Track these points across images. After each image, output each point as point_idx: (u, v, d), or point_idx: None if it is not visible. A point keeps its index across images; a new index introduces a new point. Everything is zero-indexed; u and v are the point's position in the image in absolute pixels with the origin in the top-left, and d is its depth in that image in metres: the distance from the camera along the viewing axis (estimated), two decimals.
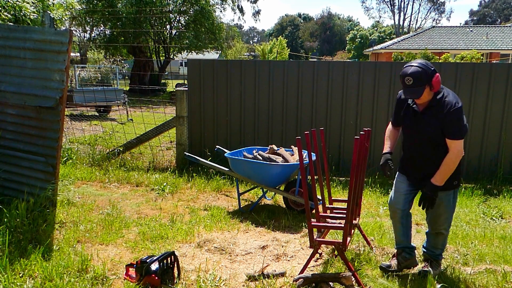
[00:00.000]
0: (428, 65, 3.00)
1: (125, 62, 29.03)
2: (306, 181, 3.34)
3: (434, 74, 2.97)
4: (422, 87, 2.97)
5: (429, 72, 2.96)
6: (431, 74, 2.97)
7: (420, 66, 2.98)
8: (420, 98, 3.04)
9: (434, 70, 2.99)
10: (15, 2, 5.04)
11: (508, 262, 3.68)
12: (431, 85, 2.98)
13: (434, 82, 2.98)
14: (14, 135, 4.31)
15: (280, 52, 43.62)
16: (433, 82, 2.98)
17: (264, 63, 7.21)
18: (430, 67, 2.99)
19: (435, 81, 2.98)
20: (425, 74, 2.95)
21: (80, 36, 27.85)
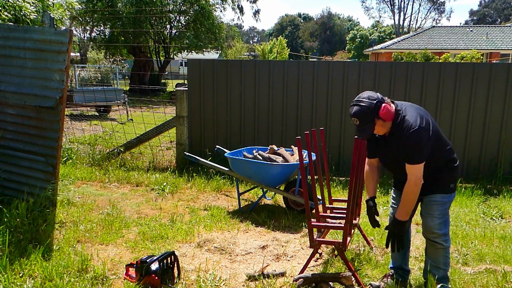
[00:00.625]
0: (371, 99, 2.75)
1: (125, 62, 29.03)
2: (306, 181, 3.34)
3: (379, 107, 2.73)
4: (370, 124, 2.79)
5: (373, 107, 2.73)
6: (376, 108, 2.73)
7: (362, 103, 2.77)
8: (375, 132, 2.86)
9: (379, 102, 2.74)
10: (15, 2, 5.04)
11: (508, 262, 3.68)
12: (380, 119, 2.76)
13: (382, 114, 2.73)
14: (14, 135, 4.31)
15: (280, 52, 43.61)
16: (381, 115, 2.74)
17: (264, 63, 7.21)
18: (373, 101, 2.74)
19: (383, 114, 2.73)
20: (368, 111, 2.74)
21: (80, 36, 27.86)
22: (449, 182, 2.92)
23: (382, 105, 2.74)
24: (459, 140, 6.36)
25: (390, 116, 2.77)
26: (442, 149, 2.89)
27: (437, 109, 6.34)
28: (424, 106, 6.33)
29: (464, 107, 6.29)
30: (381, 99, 2.79)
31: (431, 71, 6.30)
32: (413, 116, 2.78)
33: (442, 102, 6.31)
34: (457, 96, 6.27)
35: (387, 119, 2.77)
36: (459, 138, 6.36)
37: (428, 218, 2.95)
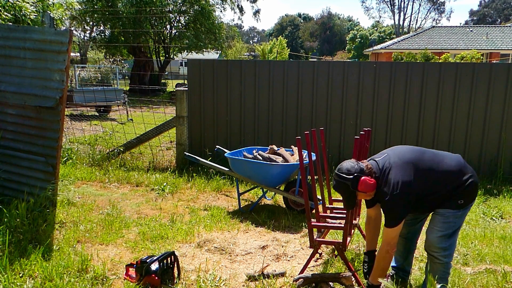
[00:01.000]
0: (349, 174, 2.74)
1: (125, 62, 29.04)
2: (306, 181, 3.34)
3: (357, 182, 2.71)
4: (352, 196, 2.81)
5: (351, 183, 2.72)
6: (354, 184, 2.72)
7: (340, 179, 2.77)
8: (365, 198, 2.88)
9: (357, 177, 2.71)
10: (15, 2, 5.04)
11: (508, 262, 3.68)
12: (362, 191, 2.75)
13: (362, 188, 2.72)
14: (14, 135, 4.31)
15: (280, 52, 43.61)
16: (360, 189, 2.73)
17: (264, 63, 7.21)
18: (350, 177, 2.72)
19: (363, 187, 2.72)
20: (347, 186, 2.76)
21: (80, 36, 27.86)
22: (458, 198, 2.79)
23: (360, 180, 2.71)
24: (459, 140, 6.36)
25: (370, 188, 2.74)
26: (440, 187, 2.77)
27: (437, 109, 6.34)
28: (424, 106, 6.36)
29: (464, 107, 6.29)
30: (360, 172, 2.73)
31: (431, 71, 6.30)
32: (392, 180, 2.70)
33: (442, 102, 6.31)
34: (457, 96, 6.27)
35: (367, 191, 2.75)
36: (459, 138, 6.36)
37: (429, 230, 2.89)
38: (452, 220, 2.82)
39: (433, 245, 2.86)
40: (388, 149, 2.97)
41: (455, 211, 2.80)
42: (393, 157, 2.83)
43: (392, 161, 2.79)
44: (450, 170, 2.80)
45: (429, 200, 2.80)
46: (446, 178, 2.78)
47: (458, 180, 2.79)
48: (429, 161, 2.80)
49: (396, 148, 2.97)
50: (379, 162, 2.83)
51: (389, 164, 2.79)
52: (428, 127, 6.41)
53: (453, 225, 2.83)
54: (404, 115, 6.45)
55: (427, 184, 2.75)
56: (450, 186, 2.77)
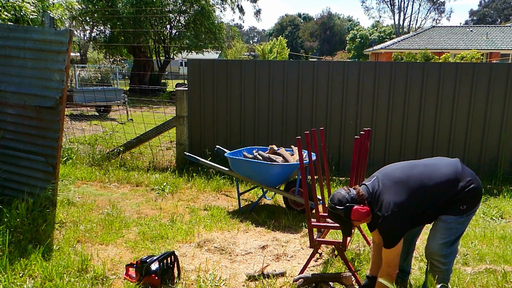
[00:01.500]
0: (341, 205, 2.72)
1: (125, 62, 29.03)
2: (306, 181, 3.34)
3: (350, 213, 2.71)
4: (347, 225, 2.81)
5: (344, 215, 2.72)
6: (347, 215, 2.72)
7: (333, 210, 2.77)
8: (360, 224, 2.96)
9: (348, 208, 2.70)
10: (15, 2, 5.04)
11: (508, 262, 3.68)
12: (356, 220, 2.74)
13: (355, 217, 2.72)
14: (14, 135, 4.31)
15: (280, 52, 43.62)
16: (353, 219, 2.73)
17: (264, 63, 7.21)
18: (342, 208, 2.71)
19: (356, 217, 2.72)
20: (340, 217, 2.76)
21: (80, 36, 27.86)
22: (460, 204, 2.71)
23: (352, 210, 2.70)
24: (459, 140, 6.36)
25: (362, 216, 2.73)
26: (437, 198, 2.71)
27: (437, 109, 6.34)
28: (424, 106, 6.35)
29: (464, 107, 6.29)
30: (351, 201, 2.72)
31: (431, 71, 6.30)
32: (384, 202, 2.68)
33: (442, 102, 6.31)
34: (457, 96, 6.27)
35: (361, 219, 2.75)
36: (459, 138, 6.36)
37: (431, 236, 2.84)
38: (455, 226, 2.75)
39: (434, 252, 2.80)
40: (377, 172, 2.93)
41: (457, 217, 2.73)
42: (382, 178, 2.80)
43: (381, 183, 2.76)
44: (446, 180, 2.72)
45: (428, 213, 2.76)
46: (442, 188, 2.72)
47: (455, 187, 2.71)
48: (419, 175, 2.75)
49: (384, 169, 2.93)
50: (369, 186, 2.80)
51: (378, 186, 2.76)
52: (428, 127, 6.41)
53: (455, 231, 2.77)
54: (404, 115, 6.45)
55: (422, 200, 2.70)
56: (449, 195, 2.70)
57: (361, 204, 2.73)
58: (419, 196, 2.70)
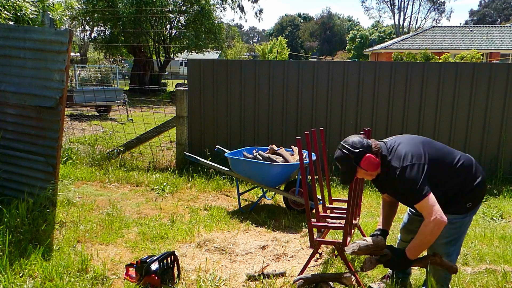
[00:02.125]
0: (354, 148, 2.63)
1: (125, 62, 29.03)
2: (306, 181, 3.34)
3: (361, 158, 2.61)
4: (351, 171, 2.70)
5: (354, 157, 2.62)
6: (357, 158, 2.61)
7: (344, 150, 2.66)
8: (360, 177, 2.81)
9: (362, 152, 2.61)
10: (15, 2, 5.04)
11: (508, 262, 3.68)
12: (363, 168, 2.64)
13: (364, 165, 2.61)
14: (14, 135, 4.31)
15: (280, 52, 43.61)
16: (362, 166, 2.62)
17: (264, 63, 7.21)
18: (355, 150, 2.62)
19: (365, 165, 2.61)
20: (349, 159, 2.64)
21: (80, 36, 27.87)
22: (466, 202, 2.65)
23: (364, 156, 2.61)
24: (459, 140, 6.35)
25: (373, 167, 2.64)
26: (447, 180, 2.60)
27: (437, 109, 6.34)
28: (424, 106, 6.36)
29: (464, 107, 6.29)
30: (366, 148, 2.63)
31: (431, 71, 6.30)
32: (399, 157, 2.58)
33: (442, 102, 6.31)
34: (457, 96, 6.27)
35: (370, 170, 2.65)
36: (459, 138, 6.35)
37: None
38: (459, 226, 2.71)
39: (436, 250, 2.73)
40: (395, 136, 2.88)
41: (462, 217, 2.68)
42: (401, 138, 2.76)
43: (400, 141, 2.71)
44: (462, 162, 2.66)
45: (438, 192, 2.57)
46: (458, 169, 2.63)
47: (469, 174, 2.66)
48: (440, 147, 2.70)
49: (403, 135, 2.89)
50: (386, 142, 2.74)
51: (395, 143, 2.69)
52: (428, 127, 6.41)
53: (459, 230, 2.72)
54: (404, 115, 6.45)
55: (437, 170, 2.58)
56: (460, 181, 2.61)
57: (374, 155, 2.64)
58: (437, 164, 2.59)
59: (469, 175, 2.68)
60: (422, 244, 2.55)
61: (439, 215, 2.43)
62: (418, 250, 2.57)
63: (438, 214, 2.43)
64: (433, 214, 2.43)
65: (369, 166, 2.63)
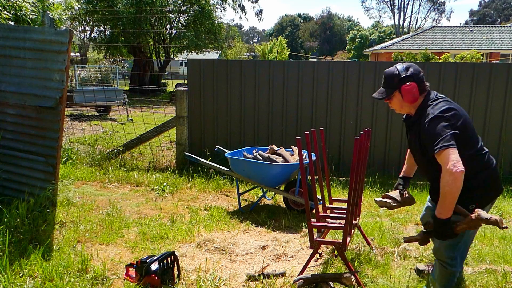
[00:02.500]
0: (406, 70, 2.60)
1: (125, 62, 29.03)
2: (306, 181, 3.34)
3: (405, 81, 2.56)
4: (388, 90, 2.65)
5: (400, 78, 2.57)
6: (402, 80, 2.56)
7: (397, 67, 2.63)
8: (391, 105, 2.75)
9: (410, 78, 2.57)
10: (15, 2, 5.04)
11: (508, 262, 3.68)
12: (400, 93, 2.61)
13: (404, 90, 2.57)
14: (14, 135, 4.31)
15: (280, 52, 43.62)
16: (402, 90, 2.58)
17: (264, 63, 7.21)
18: (406, 72, 2.58)
19: (405, 90, 2.57)
20: (395, 77, 2.59)
21: (79, 36, 27.86)
22: (468, 202, 2.51)
23: (410, 82, 2.55)
24: None
25: (409, 97, 2.58)
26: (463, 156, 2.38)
27: None
28: None
29: (464, 107, 6.21)
30: (417, 79, 2.57)
31: (431, 71, 6.30)
32: (439, 108, 2.49)
33: None
34: (457, 96, 6.27)
35: (406, 99, 2.59)
36: None
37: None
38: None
39: (439, 252, 2.71)
40: None
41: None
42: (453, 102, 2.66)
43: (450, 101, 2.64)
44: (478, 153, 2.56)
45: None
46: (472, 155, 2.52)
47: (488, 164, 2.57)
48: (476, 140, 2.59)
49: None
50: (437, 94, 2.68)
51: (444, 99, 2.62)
52: None
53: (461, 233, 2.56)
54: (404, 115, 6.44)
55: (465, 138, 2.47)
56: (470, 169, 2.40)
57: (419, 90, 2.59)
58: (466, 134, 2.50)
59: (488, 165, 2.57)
60: (444, 199, 2.36)
61: (453, 164, 2.29)
62: (443, 207, 2.38)
63: (453, 163, 2.29)
64: (448, 164, 2.30)
65: (407, 94, 2.57)
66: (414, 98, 2.60)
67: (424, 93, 2.65)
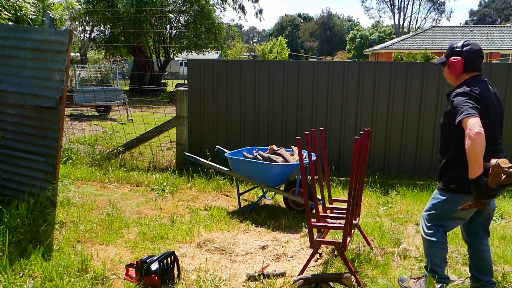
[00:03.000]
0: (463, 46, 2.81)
1: (125, 62, 29.03)
2: (306, 181, 3.34)
3: (455, 55, 2.82)
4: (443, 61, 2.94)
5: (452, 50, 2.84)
6: (453, 53, 2.84)
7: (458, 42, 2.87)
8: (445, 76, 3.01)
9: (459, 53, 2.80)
10: (15, 2, 5.04)
11: (508, 262, 3.68)
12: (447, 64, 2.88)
13: (450, 63, 2.84)
14: (14, 135, 4.31)
15: (280, 52, 43.62)
16: (449, 61, 2.85)
17: (264, 63, 7.21)
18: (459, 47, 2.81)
19: (451, 63, 2.83)
20: (450, 50, 2.87)
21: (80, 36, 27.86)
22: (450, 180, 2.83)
23: (458, 57, 2.80)
24: None
25: (453, 70, 2.84)
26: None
27: (437, 109, 6.33)
28: (424, 106, 6.36)
29: None
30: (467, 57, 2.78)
31: (431, 71, 6.30)
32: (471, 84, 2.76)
33: (442, 102, 6.31)
34: None
35: (450, 70, 2.86)
36: None
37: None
38: (437, 202, 2.91)
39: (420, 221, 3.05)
40: None
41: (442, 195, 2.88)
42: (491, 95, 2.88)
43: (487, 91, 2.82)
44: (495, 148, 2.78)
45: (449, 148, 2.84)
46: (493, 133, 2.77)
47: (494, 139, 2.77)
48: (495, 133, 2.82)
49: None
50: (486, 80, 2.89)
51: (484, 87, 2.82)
52: (428, 127, 6.41)
53: (438, 207, 2.90)
54: (404, 115, 6.45)
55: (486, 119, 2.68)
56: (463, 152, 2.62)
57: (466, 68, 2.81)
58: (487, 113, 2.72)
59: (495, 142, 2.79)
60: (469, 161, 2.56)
61: (470, 128, 2.51)
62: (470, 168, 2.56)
63: (470, 127, 2.51)
64: (467, 129, 2.53)
65: (451, 66, 2.83)
66: (456, 72, 2.84)
67: (471, 73, 2.84)
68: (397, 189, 5.87)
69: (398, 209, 5.15)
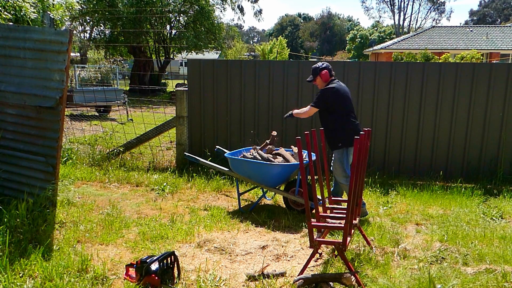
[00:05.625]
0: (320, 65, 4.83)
1: (125, 62, 29.03)
2: (306, 181, 3.34)
3: (322, 71, 4.79)
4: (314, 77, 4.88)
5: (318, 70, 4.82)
6: (319, 70, 4.80)
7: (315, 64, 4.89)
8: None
9: (323, 68, 4.79)
10: (16, 2, 5.04)
11: (508, 262, 3.67)
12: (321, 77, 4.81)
13: (321, 74, 4.79)
14: (14, 135, 4.31)
15: (280, 52, 43.60)
16: (321, 75, 4.80)
17: (264, 63, 7.21)
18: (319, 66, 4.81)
19: (322, 74, 4.80)
20: (315, 69, 4.83)
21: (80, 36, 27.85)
22: (338, 142, 4.74)
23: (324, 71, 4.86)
24: (459, 140, 6.36)
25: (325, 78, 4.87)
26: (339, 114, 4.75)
27: (437, 109, 6.34)
28: (424, 106, 6.36)
29: (464, 107, 6.29)
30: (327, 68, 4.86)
31: (431, 71, 6.30)
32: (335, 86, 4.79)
33: (442, 102, 6.31)
34: (457, 96, 6.27)
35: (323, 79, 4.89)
36: (459, 138, 6.36)
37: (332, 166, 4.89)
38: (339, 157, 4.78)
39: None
40: None
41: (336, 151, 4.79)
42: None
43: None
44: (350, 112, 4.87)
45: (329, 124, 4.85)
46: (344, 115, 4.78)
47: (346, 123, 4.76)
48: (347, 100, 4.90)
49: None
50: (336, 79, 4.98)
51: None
52: (428, 127, 6.41)
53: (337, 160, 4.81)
54: (404, 115, 6.45)
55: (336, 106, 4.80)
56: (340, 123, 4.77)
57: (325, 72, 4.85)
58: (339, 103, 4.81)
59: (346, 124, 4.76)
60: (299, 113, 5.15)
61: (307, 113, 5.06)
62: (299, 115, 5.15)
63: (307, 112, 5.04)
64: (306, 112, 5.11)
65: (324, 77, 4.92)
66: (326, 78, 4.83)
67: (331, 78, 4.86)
68: (397, 189, 5.88)
69: (398, 209, 5.15)
